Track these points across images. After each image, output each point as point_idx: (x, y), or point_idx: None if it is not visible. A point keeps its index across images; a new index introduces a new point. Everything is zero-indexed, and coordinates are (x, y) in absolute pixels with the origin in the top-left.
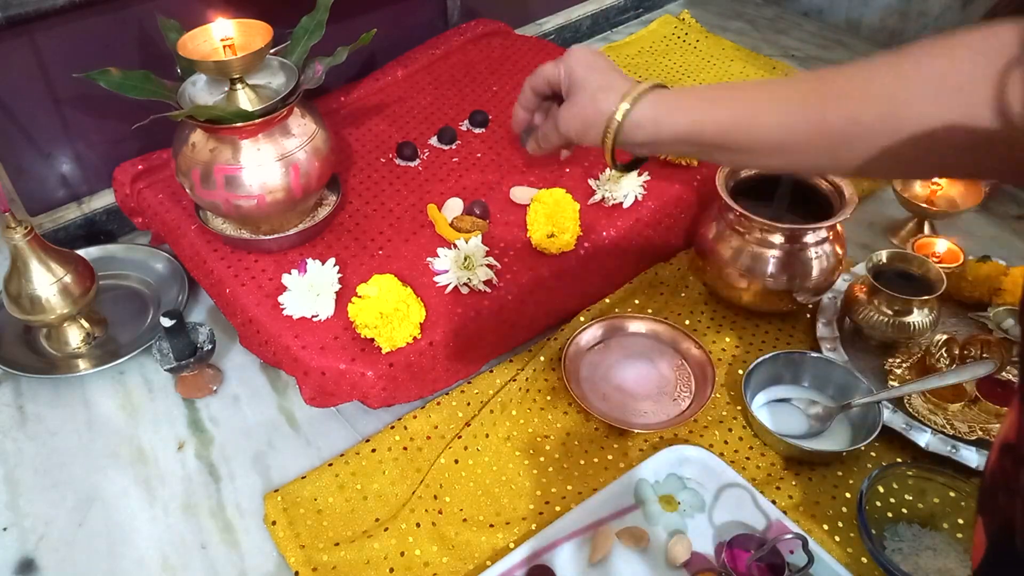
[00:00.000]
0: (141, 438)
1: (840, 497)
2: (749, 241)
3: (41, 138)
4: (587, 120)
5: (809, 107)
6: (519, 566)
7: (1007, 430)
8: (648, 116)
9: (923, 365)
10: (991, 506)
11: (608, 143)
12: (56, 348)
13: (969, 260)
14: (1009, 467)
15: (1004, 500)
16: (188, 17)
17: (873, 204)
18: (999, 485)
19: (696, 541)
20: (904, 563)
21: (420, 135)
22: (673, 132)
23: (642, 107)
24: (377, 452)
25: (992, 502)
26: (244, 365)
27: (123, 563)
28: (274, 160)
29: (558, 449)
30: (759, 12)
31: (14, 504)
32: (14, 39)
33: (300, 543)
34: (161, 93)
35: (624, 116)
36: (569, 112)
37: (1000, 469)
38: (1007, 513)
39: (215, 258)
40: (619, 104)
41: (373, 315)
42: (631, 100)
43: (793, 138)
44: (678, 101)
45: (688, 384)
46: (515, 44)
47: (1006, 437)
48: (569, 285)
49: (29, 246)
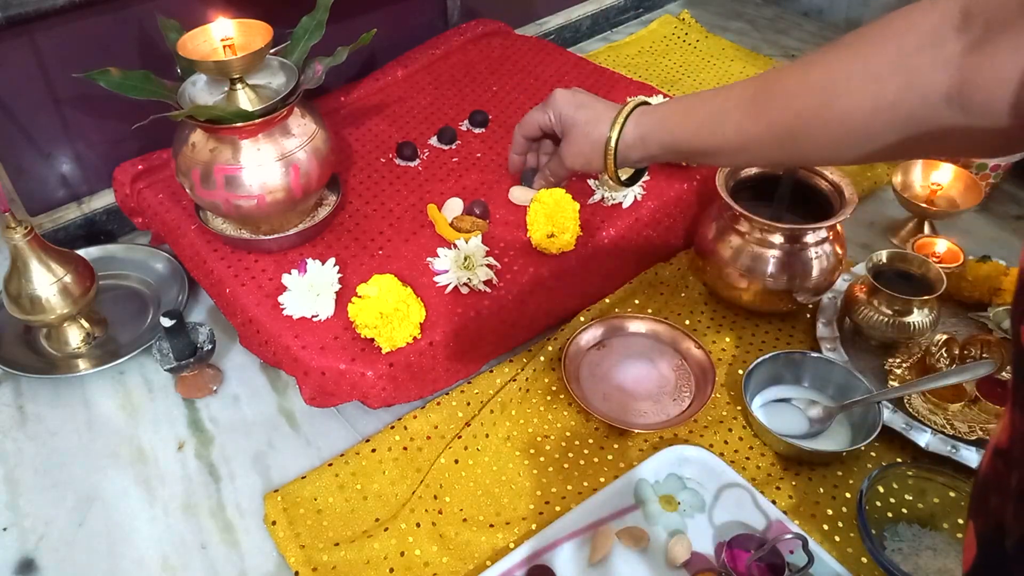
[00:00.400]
0: (141, 438)
1: (840, 497)
2: (749, 241)
3: (41, 138)
4: (587, 154)
5: (758, 108)
6: (519, 566)
7: (1000, 434)
8: (636, 135)
9: (923, 365)
10: (983, 509)
11: (611, 168)
12: (56, 348)
13: (969, 260)
14: (1001, 470)
15: (995, 503)
16: (188, 17)
17: (873, 204)
18: (991, 488)
19: (696, 541)
20: (904, 563)
21: (420, 135)
22: (659, 144)
23: (629, 129)
24: (377, 452)
25: (984, 505)
26: (244, 365)
27: (123, 563)
28: (274, 160)
29: (558, 449)
30: (759, 12)
31: (14, 504)
32: (14, 39)
33: (300, 543)
34: (161, 93)
35: (617, 141)
36: (570, 150)
37: (992, 472)
38: (998, 516)
39: (215, 258)
40: (609, 132)
41: (373, 315)
42: (619, 126)
43: (748, 137)
44: (656, 117)
45: (688, 384)
46: (515, 44)
47: (999, 442)
48: (569, 285)
49: (29, 246)
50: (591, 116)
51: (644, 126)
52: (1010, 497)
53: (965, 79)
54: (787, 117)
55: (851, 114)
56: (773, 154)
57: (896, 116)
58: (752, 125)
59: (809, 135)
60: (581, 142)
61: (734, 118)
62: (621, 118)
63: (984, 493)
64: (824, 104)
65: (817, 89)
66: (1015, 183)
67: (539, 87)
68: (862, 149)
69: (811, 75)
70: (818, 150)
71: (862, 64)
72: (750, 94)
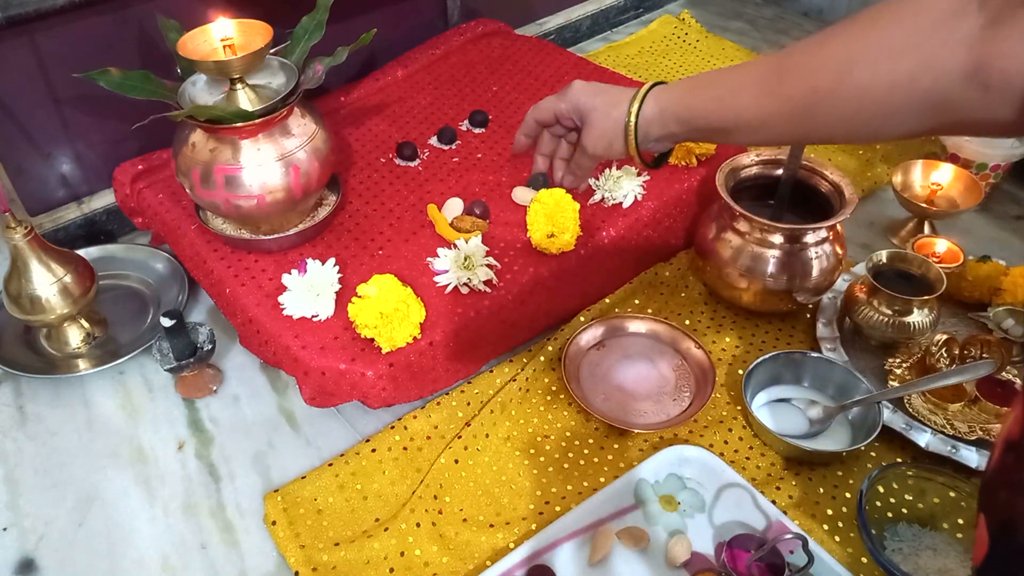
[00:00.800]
0: (141, 438)
1: (840, 497)
2: (749, 241)
3: (41, 138)
4: (609, 136)
5: (775, 82)
6: (519, 566)
7: (1011, 427)
8: (655, 111)
9: (923, 365)
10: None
11: (632, 148)
12: (56, 348)
13: (969, 260)
14: (1012, 463)
15: (1006, 496)
16: (188, 17)
17: (873, 204)
18: (1001, 482)
19: (696, 541)
20: (904, 563)
21: (420, 135)
22: (676, 120)
23: (648, 105)
24: (377, 452)
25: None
26: (244, 365)
27: (123, 563)
28: (274, 160)
29: (558, 449)
30: (759, 12)
31: (14, 504)
32: (14, 39)
33: (300, 543)
34: (161, 93)
35: (636, 120)
36: (591, 134)
37: (1002, 466)
38: (1009, 510)
39: (215, 258)
40: (628, 108)
41: (373, 315)
42: (637, 104)
43: (766, 113)
44: (674, 92)
45: (688, 384)
46: (515, 44)
47: (1010, 434)
48: (569, 285)
49: (29, 246)
50: (609, 99)
51: (663, 101)
52: (1021, 491)
53: (985, 55)
54: (804, 91)
55: (868, 89)
56: (791, 130)
57: (913, 92)
58: (769, 100)
59: (826, 110)
60: (602, 123)
61: (751, 92)
62: (640, 95)
63: (993, 487)
64: (840, 79)
65: (833, 64)
66: (1015, 183)
67: (539, 87)
68: (880, 125)
69: (827, 49)
70: (835, 126)
71: (878, 39)
72: (767, 69)
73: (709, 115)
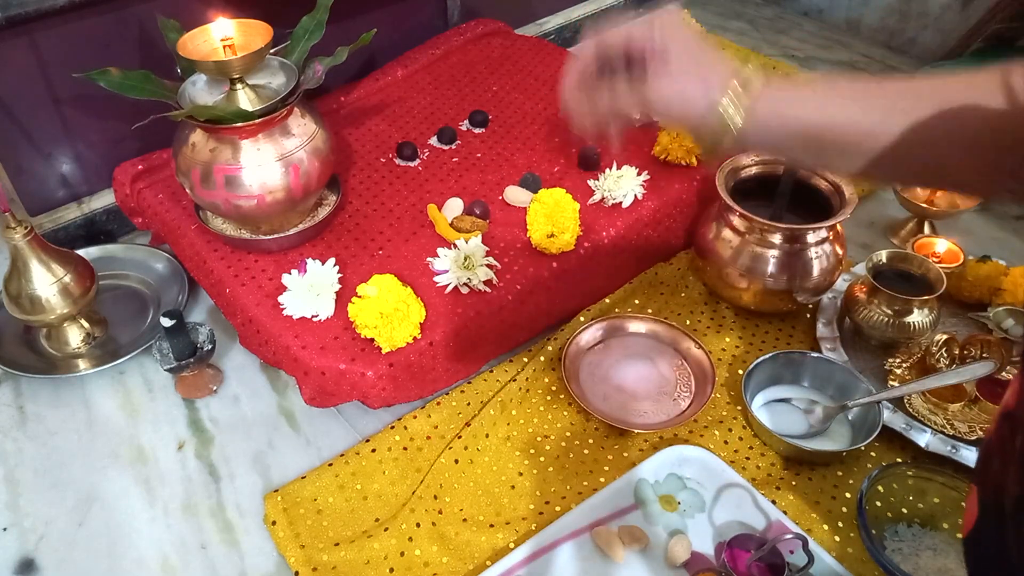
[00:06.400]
0: (141, 438)
1: (840, 497)
2: (749, 241)
3: (41, 138)
4: (690, 100)
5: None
6: (519, 566)
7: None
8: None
9: (923, 365)
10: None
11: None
12: (56, 348)
13: (969, 260)
14: (1007, 433)
15: (998, 466)
16: (188, 17)
17: (873, 204)
18: (995, 452)
19: (696, 541)
20: (904, 563)
21: (420, 135)
22: (783, 127)
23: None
24: (377, 452)
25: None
26: (244, 365)
27: (123, 563)
28: (274, 160)
29: (558, 449)
30: (759, 12)
31: (14, 504)
32: (14, 39)
33: (300, 543)
34: (161, 93)
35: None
36: (670, 87)
37: (998, 437)
38: (1000, 479)
39: (215, 258)
40: (728, 89)
41: (373, 315)
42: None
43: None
44: (785, 94)
45: (688, 384)
46: (515, 44)
47: (1007, 405)
48: (569, 285)
49: (29, 246)
50: (709, 58)
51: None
52: (1013, 459)
53: None
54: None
55: None
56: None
57: None
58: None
59: None
60: (691, 85)
61: (879, 111)
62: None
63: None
64: None
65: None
66: None
67: (539, 87)
68: None
69: None
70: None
71: None
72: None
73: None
